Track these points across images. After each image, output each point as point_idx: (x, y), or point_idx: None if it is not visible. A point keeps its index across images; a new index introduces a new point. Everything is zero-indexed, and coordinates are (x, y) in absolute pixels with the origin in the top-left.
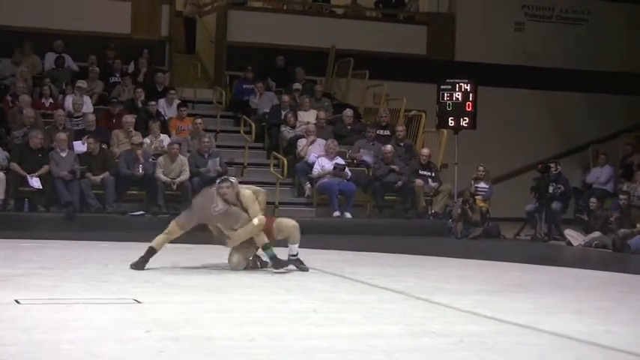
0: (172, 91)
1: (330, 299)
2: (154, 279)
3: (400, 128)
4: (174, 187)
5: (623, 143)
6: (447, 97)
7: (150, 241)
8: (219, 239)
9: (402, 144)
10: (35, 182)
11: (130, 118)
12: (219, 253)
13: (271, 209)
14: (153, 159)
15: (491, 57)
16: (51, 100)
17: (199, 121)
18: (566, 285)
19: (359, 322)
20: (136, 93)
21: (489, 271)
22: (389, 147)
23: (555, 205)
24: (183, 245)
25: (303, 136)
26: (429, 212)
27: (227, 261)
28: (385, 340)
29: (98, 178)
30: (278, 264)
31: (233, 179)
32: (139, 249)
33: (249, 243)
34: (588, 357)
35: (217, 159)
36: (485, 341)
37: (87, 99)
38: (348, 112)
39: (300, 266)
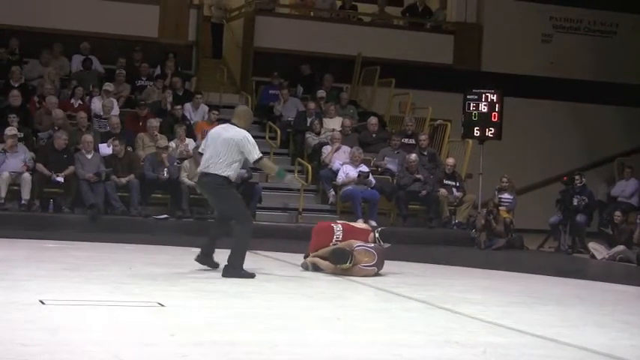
0: (198, 96)
1: (354, 307)
2: (177, 283)
3: (423, 137)
4: (199, 190)
5: None
6: (473, 107)
7: (173, 244)
8: None
9: (425, 153)
10: (59, 178)
11: (155, 122)
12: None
13: (294, 215)
14: (178, 163)
15: (518, 68)
16: (80, 102)
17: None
18: (590, 298)
19: (382, 330)
20: (165, 94)
21: (513, 282)
22: (413, 156)
23: (579, 218)
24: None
25: (327, 143)
26: (453, 222)
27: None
28: (409, 349)
29: (123, 181)
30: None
31: None
32: (162, 252)
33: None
34: None
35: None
36: (509, 352)
37: (114, 101)
38: (373, 120)
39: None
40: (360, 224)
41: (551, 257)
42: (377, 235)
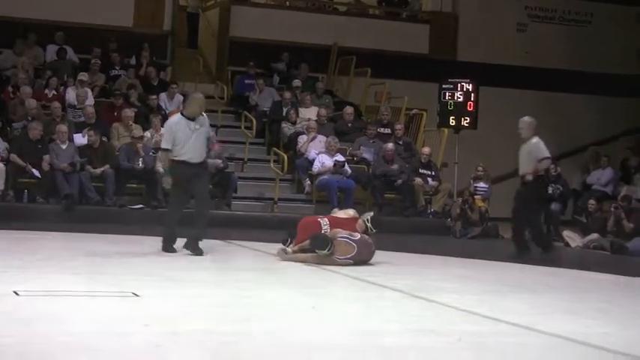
0: (174, 86)
1: (329, 296)
2: (152, 272)
3: (399, 126)
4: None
5: (623, 146)
6: (449, 96)
7: (148, 234)
8: None
9: (400, 142)
10: (35, 171)
11: (129, 112)
12: (220, 248)
13: (270, 205)
14: (153, 153)
15: (494, 57)
16: (54, 92)
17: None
18: (563, 286)
19: (358, 319)
20: (130, 92)
21: (488, 270)
22: (390, 145)
23: (554, 207)
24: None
25: (303, 133)
26: (428, 211)
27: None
28: (384, 337)
29: (98, 171)
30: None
31: None
32: (137, 242)
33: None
34: (585, 358)
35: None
36: (484, 340)
37: (88, 91)
38: (349, 109)
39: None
40: (343, 214)
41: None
42: (368, 222)
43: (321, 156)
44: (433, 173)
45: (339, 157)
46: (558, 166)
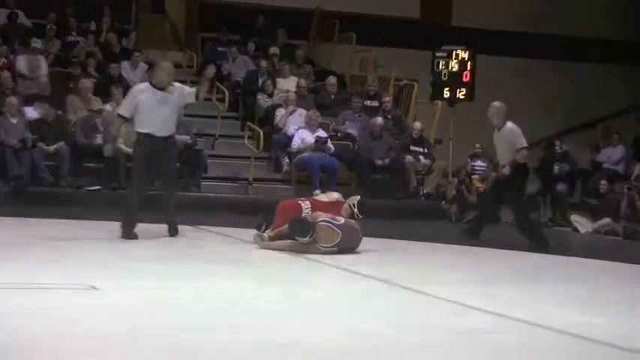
0: (137, 54)
1: (308, 288)
2: (111, 263)
3: (387, 99)
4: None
5: (635, 121)
6: (443, 65)
7: (108, 218)
8: None
9: (389, 116)
10: None
11: (88, 83)
12: (187, 234)
13: (244, 186)
14: None
15: (492, 22)
16: (4, 60)
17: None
18: (570, 276)
19: (339, 313)
20: (95, 54)
21: (485, 259)
22: (379, 119)
23: (561, 187)
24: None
25: (281, 106)
26: (421, 192)
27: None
28: (368, 333)
29: (52, 148)
30: None
31: None
32: (96, 228)
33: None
34: (592, 356)
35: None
36: (479, 338)
37: (41, 60)
38: (332, 80)
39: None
40: (325, 197)
41: None
42: (354, 207)
43: (300, 131)
44: (426, 150)
45: (321, 133)
46: (564, 143)
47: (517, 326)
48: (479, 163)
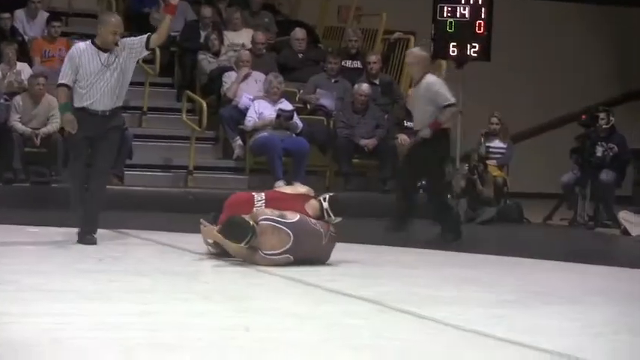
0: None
1: (270, 312)
2: (10, 280)
3: (374, 58)
4: (38, 141)
5: None
6: (448, 13)
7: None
8: None
9: (376, 81)
10: None
11: None
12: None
13: (182, 176)
14: (6, 99)
15: None
16: None
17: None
18: (619, 293)
19: (311, 347)
20: None
21: (506, 271)
22: (365, 86)
23: (605, 176)
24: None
25: (231, 69)
26: (419, 183)
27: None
28: None
29: None
30: None
31: None
32: None
33: None
34: None
35: None
36: None
37: None
38: (300, 33)
39: None
40: (290, 189)
41: (564, 234)
42: (325, 204)
43: (257, 103)
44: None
45: (285, 105)
46: (612, 116)
47: None
48: (497, 143)
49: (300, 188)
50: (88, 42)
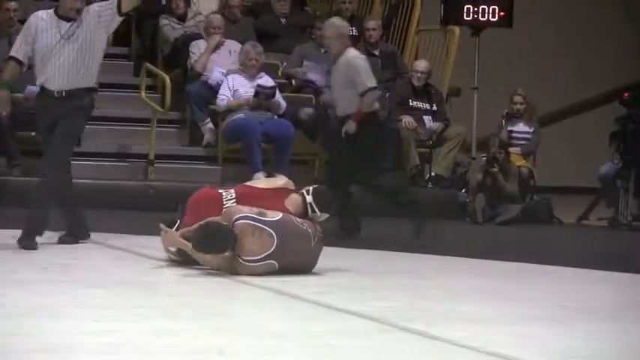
0: None
1: (247, 331)
2: None
3: (372, 24)
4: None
5: None
6: None
7: None
8: None
9: (375, 52)
10: None
11: None
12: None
13: (141, 167)
14: None
15: None
16: None
17: (13, 5)
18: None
19: None
20: None
21: (534, 282)
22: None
23: None
24: None
25: (200, 36)
26: (427, 175)
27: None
28: None
29: None
30: None
31: None
32: None
33: None
34: None
35: None
36: None
37: None
38: None
39: None
40: (266, 182)
41: (603, 236)
42: (309, 198)
43: (232, 78)
44: (434, 107)
45: (265, 81)
46: None
47: None
48: (521, 127)
49: (277, 181)
50: (51, 10)
